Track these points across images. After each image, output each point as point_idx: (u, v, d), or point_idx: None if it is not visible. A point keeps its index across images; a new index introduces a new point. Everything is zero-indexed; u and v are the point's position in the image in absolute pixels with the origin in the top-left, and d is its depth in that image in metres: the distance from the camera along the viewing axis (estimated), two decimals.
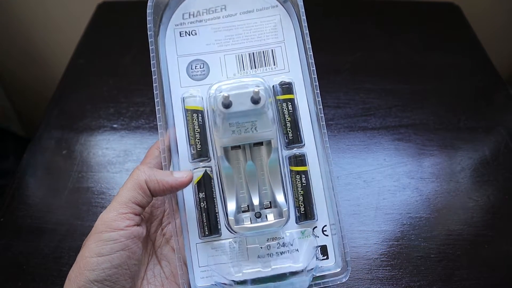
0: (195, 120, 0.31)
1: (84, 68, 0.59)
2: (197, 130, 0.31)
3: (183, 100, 0.31)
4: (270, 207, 0.31)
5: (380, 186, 0.45)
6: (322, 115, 0.31)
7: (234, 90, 0.29)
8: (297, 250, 0.31)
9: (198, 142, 0.31)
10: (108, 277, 0.26)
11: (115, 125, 0.51)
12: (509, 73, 0.75)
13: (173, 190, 0.29)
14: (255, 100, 0.29)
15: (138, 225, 0.28)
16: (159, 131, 0.30)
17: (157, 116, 0.30)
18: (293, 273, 0.30)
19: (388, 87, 0.55)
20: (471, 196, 0.44)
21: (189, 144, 0.31)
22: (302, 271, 0.30)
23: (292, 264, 0.30)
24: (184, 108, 0.31)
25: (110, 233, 0.26)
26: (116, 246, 0.26)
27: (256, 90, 0.29)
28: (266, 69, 0.32)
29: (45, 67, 0.84)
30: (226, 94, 0.29)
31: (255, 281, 0.30)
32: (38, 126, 0.51)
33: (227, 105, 0.29)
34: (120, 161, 0.48)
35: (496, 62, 0.59)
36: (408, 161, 0.47)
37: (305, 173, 0.31)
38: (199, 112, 0.31)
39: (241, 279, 0.30)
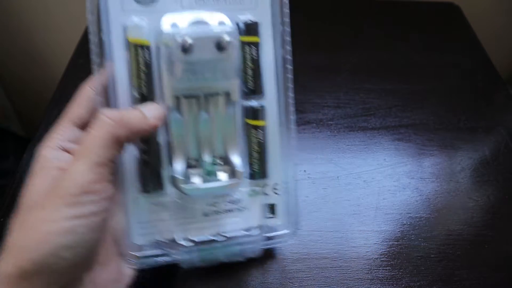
0: (141, 57, 0.25)
1: (84, 68, 0.59)
2: (142, 70, 0.25)
3: (125, 29, 0.25)
4: (223, 165, 0.28)
5: (380, 186, 0.45)
6: (291, 66, 0.28)
7: (196, 33, 0.24)
8: (246, 208, 0.29)
9: (144, 85, 0.26)
10: (83, 243, 0.22)
11: None
12: (509, 73, 0.75)
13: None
14: (221, 47, 0.24)
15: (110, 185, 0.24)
16: (93, 65, 0.25)
17: (91, 47, 0.25)
18: (239, 236, 0.28)
19: (388, 87, 0.55)
20: (471, 196, 0.44)
21: (132, 85, 0.26)
22: (249, 229, 0.28)
23: (238, 226, 0.28)
24: (127, 40, 0.25)
25: (88, 195, 0.22)
26: (96, 208, 0.23)
27: (227, 38, 0.24)
28: (229, 1, 0.27)
29: (45, 67, 0.84)
30: (189, 41, 0.24)
31: (198, 243, 0.28)
32: (38, 126, 0.51)
33: (187, 49, 0.24)
34: None
35: (496, 62, 0.59)
36: (408, 161, 0.47)
37: (262, 127, 0.28)
38: (145, 48, 0.25)
39: (182, 240, 0.27)
